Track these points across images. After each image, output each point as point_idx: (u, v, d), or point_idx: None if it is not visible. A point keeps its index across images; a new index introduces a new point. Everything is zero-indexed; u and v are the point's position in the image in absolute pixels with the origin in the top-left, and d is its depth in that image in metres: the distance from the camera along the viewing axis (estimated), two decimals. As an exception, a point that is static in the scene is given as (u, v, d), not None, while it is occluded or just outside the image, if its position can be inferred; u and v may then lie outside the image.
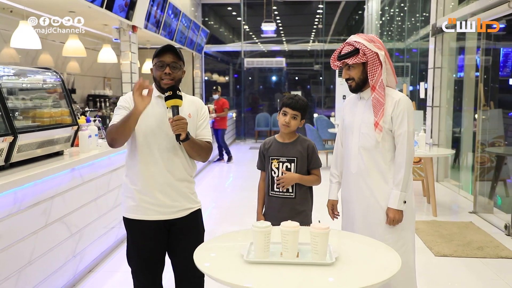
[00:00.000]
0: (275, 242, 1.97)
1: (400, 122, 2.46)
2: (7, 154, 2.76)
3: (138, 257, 2.46)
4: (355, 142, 2.56)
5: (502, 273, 3.77)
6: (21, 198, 2.71)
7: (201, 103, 2.52)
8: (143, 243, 2.43)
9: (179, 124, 2.21)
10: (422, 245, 4.38)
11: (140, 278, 2.49)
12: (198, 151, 2.38)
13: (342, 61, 2.50)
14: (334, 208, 2.76)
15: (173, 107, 2.25)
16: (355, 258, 1.98)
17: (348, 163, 2.60)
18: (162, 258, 2.49)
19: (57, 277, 3.14)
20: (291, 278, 1.77)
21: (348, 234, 2.42)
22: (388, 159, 2.50)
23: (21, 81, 3.18)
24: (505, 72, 6.20)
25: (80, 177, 3.47)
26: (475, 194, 5.70)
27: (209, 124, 2.53)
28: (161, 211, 2.37)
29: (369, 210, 2.52)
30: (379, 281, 1.72)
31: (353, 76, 2.51)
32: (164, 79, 2.32)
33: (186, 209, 2.44)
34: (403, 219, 2.47)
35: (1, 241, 2.53)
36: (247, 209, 5.82)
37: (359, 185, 2.54)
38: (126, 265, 3.90)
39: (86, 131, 3.69)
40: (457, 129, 7.58)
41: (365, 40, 2.46)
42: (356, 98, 2.63)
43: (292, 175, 2.67)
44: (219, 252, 2.09)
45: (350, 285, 1.73)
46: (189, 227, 2.45)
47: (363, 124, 2.53)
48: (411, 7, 9.78)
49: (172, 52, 2.33)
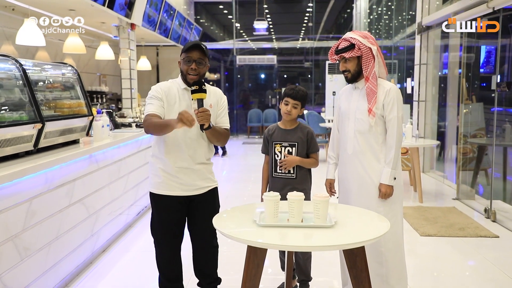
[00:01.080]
0: (282, 211, 2.30)
1: (391, 108, 2.80)
2: (36, 140, 3.05)
3: (161, 228, 2.78)
4: (351, 126, 2.89)
5: (481, 249, 4.16)
6: (50, 179, 3.01)
7: (221, 93, 2.84)
8: (166, 216, 2.75)
9: (204, 115, 2.51)
10: (409, 227, 4.74)
11: (162, 247, 2.81)
12: (218, 137, 2.72)
13: (340, 55, 2.83)
14: (331, 186, 3.10)
15: (198, 100, 2.56)
16: (351, 223, 2.32)
17: (345, 146, 2.93)
18: (182, 229, 2.82)
19: (78, 253, 3.45)
20: (296, 236, 2.10)
21: (345, 206, 2.76)
22: (380, 141, 2.84)
23: (44, 74, 3.47)
24: (487, 69, 6.60)
25: (96, 163, 3.77)
26: (458, 182, 6.09)
27: (227, 113, 2.84)
28: (183, 188, 2.69)
29: (363, 186, 2.86)
30: (370, 238, 2.07)
31: (349, 68, 2.85)
32: (191, 73, 2.63)
33: (204, 187, 2.78)
34: (393, 193, 2.82)
35: (35, 216, 2.83)
36: (242, 199, 6.16)
37: (355, 165, 2.88)
38: (136, 246, 4.25)
39: (99, 121, 3.99)
40: (442, 123, 7.99)
41: (360, 36, 2.80)
42: (351, 88, 2.97)
43: (293, 158, 3.00)
44: (234, 219, 2.41)
45: (347, 242, 2.06)
46: (206, 202, 2.79)
47: (358, 111, 2.86)
48: (398, 5, 10.17)
49: (199, 49, 2.64)
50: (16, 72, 3.04)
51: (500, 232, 4.59)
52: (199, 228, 2.81)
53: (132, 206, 4.73)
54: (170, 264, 2.83)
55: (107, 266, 3.74)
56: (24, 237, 2.73)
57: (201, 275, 2.92)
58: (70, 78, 3.81)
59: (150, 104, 2.64)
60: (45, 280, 2.96)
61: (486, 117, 6.53)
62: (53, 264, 3.06)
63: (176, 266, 2.85)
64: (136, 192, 4.86)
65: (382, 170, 2.80)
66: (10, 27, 6.38)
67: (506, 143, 5.84)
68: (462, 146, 6.24)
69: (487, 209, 5.10)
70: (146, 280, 3.45)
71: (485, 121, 6.52)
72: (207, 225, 2.70)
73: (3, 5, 6.31)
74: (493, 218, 4.97)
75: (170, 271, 2.84)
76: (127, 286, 3.42)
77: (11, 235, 2.60)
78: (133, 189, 4.73)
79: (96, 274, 3.55)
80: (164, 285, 2.85)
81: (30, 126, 2.95)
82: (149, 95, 2.69)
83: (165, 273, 2.84)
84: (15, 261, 2.64)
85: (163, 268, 2.84)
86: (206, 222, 2.69)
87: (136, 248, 4.17)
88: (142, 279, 3.51)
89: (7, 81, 3.01)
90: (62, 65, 3.81)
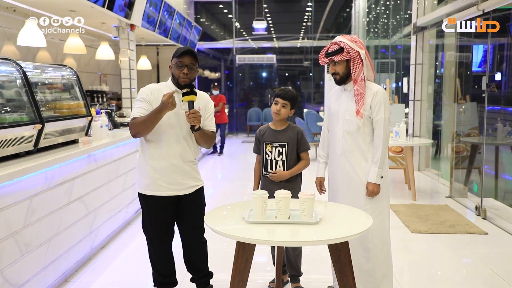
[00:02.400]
0: (270, 209, 2.41)
1: (378, 110, 2.90)
2: (36, 140, 3.17)
3: (152, 227, 2.91)
4: (340, 127, 3.00)
5: (470, 246, 4.27)
6: (50, 178, 3.12)
7: (208, 98, 2.97)
8: (156, 215, 2.87)
9: (195, 116, 2.65)
10: (400, 224, 4.86)
11: (154, 245, 2.93)
12: (206, 139, 2.84)
13: (329, 58, 2.94)
14: (321, 184, 3.20)
15: (189, 102, 2.68)
16: (335, 220, 2.43)
17: (334, 145, 3.04)
18: (172, 227, 2.95)
19: (77, 250, 3.57)
20: (283, 232, 2.22)
21: (331, 203, 2.87)
22: (367, 141, 2.95)
23: (44, 76, 3.59)
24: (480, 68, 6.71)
25: (95, 162, 3.88)
26: (451, 180, 6.20)
27: (214, 117, 2.96)
28: (171, 188, 2.81)
29: (351, 185, 2.96)
30: (353, 234, 2.18)
31: (338, 71, 2.95)
32: (182, 77, 2.74)
33: (192, 187, 2.89)
34: (380, 191, 2.93)
35: (36, 213, 2.95)
36: (242, 197, 6.27)
37: (343, 164, 2.99)
38: (133, 243, 4.36)
39: (98, 122, 4.10)
40: (438, 122, 8.10)
41: (348, 40, 2.91)
42: (340, 90, 3.08)
43: (283, 173, 3.08)
44: (225, 216, 2.52)
45: (331, 237, 2.17)
46: (194, 201, 2.92)
47: (347, 112, 2.97)
48: (395, 5, 10.26)
49: (190, 55, 2.76)
50: (17, 75, 3.16)
51: (490, 229, 4.69)
52: (188, 226, 2.94)
53: (130, 204, 4.84)
54: (163, 260, 2.96)
55: (105, 262, 3.85)
56: (25, 234, 2.85)
57: (193, 270, 3.05)
58: (69, 79, 3.93)
59: (136, 107, 2.75)
60: (45, 275, 3.08)
61: (480, 115, 6.63)
62: (53, 260, 3.18)
63: (169, 261, 2.98)
64: (134, 191, 4.93)
65: (369, 169, 2.91)
66: (11, 28, 6.50)
67: (498, 142, 5.94)
68: (455, 145, 6.35)
69: (478, 207, 5.20)
70: (143, 276, 3.56)
71: (478, 120, 6.63)
72: (195, 223, 2.87)
73: (4, 6, 6.41)
74: (484, 215, 5.07)
75: (163, 267, 2.97)
76: (125, 281, 3.53)
77: (12, 232, 2.72)
78: (131, 187, 4.84)
79: (95, 270, 3.67)
80: (158, 281, 2.98)
81: (31, 126, 3.07)
82: (137, 98, 2.80)
83: (158, 269, 2.97)
84: (16, 256, 2.76)
85: (156, 264, 2.96)
86: (194, 220, 2.87)
87: (134, 245, 4.29)
88: (139, 274, 3.62)
89: (8, 84, 3.13)
90: (61, 67, 3.93)
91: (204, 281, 3.07)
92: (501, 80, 7.09)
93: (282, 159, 3.11)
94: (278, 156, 3.12)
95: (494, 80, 6.78)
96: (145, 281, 3.49)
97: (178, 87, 2.79)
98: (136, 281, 3.54)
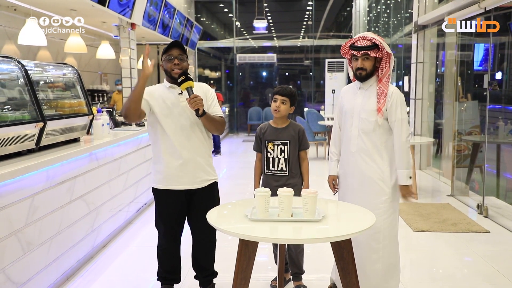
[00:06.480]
0: (273, 207, 2.40)
1: (395, 110, 2.87)
2: (38, 138, 3.16)
3: (160, 221, 2.92)
4: (355, 125, 2.95)
5: (471, 244, 4.26)
6: (52, 176, 3.12)
7: (207, 87, 2.97)
8: (164, 210, 2.89)
9: (196, 100, 2.67)
10: (402, 223, 4.85)
11: (165, 238, 2.95)
12: (215, 124, 2.84)
13: (364, 51, 2.86)
14: (335, 182, 3.17)
15: (187, 88, 2.71)
16: (338, 217, 2.43)
17: (348, 144, 2.99)
18: (180, 223, 2.97)
19: (79, 248, 3.56)
20: (286, 230, 2.21)
21: (334, 201, 2.85)
22: (383, 140, 2.91)
23: (45, 75, 3.58)
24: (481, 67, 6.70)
25: (97, 161, 3.88)
26: (452, 179, 6.19)
27: (218, 102, 2.96)
28: (181, 181, 2.81)
29: (364, 183, 2.92)
30: (356, 231, 2.17)
31: (367, 67, 2.89)
32: (174, 69, 2.78)
33: (204, 180, 2.89)
34: (395, 192, 2.90)
35: (37, 211, 2.95)
36: (244, 196, 6.26)
37: (357, 162, 2.94)
38: (135, 242, 4.37)
39: (99, 120, 4.10)
40: (439, 120, 8.09)
41: (382, 40, 2.88)
42: (355, 88, 3.01)
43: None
44: (228, 213, 2.52)
45: (334, 235, 2.17)
46: (206, 197, 2.91)
47: (363, 111, 2.92)
48: (396, 4, 10.25)
49: (177, 47, 2.80)
50: (19, 73, 3.15)
51: (491, 228, 4.69)
52: (199, 222, 2.93)
53: (131, 203, 4.84)
54: (167, 255, 2.97)
55: (107, 260, 3.85)
56: (27, 232, 2.84)
57: (198, 269, 3.05)
58: (71, 78, 3.92)
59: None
60: (47, 274, 3.08)
61: (481, 114, 6.62)
62: (55, 258, 3.18)
63: (173, 258, 2.98)
64: (136, 189, 4.97)
65: (384, 168, 2.88)
66: (12, 27, 6.50)
67: (499, 141, 5.93)
68: (456, 144, 6.34)
69: (480, 205, 5.20)
70: (144, 274, 3.56)
71: (479, 119, 6.62)
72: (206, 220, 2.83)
73: (5, 5, 6.42)
74: (485, 214, 5.07)
75: (166, 262, 2.98)
76: (126, 279, 3.53)
77: (14, 230, 2.72)
78: (132, 186, 4.84)
79: (97, 268, 3.67)
80: (162, 276, 2.99)
81: (32, 125, 3.06)
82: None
83: (164, 264, 2.98)
84: (18, 255, 2.76)
85: (162, 259, 2.97)
86: (205, 218, 2.82)
87: (136, 244, 4.29)
88: (141, 273, 3.62)
89: (9, 82, 3.12)
90: (63, 65, 3.92)
91: (207, 279, 3.07)
92: (502, 78, 7.08)
93: (284, 157, 3.11)
94: (280, 154, 3.11)
95: (495, 78, 6.77)
96: (147, 279, 3.48)
97: (174, 82, 2.80)
98: (138, 279, 3.54)
